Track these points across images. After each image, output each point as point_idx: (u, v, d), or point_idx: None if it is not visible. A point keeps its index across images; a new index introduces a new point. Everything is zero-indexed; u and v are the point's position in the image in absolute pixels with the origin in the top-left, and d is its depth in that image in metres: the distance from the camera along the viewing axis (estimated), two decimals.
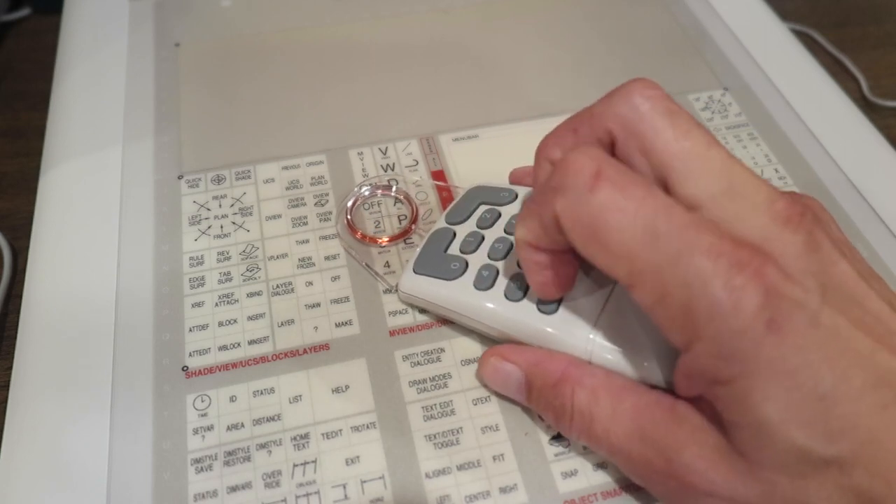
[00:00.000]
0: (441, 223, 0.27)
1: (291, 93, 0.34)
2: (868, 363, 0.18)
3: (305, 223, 0.29)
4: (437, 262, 0.25)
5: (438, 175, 0.31)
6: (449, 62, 0.36)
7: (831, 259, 0.19)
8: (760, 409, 0.18)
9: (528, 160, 0.31)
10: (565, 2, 0.39)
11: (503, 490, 0.23)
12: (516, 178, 0.28)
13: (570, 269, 0.22)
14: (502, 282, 0.24)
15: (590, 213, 0.19)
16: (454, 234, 0.26)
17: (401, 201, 0.30)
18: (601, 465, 0.23)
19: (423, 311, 0.26)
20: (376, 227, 0.29)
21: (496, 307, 0.24)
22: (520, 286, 0.24)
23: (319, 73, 0.35)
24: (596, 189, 0.19)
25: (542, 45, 0.37)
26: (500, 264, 0.25)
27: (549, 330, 0.23)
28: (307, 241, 0.28)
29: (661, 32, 0.38)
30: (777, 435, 0.17)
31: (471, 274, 0.25)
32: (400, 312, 0.26)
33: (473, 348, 0.25)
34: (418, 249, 0.26)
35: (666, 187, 0.20)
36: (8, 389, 0.25)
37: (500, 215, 0.26)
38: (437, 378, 0.25)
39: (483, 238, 0.25)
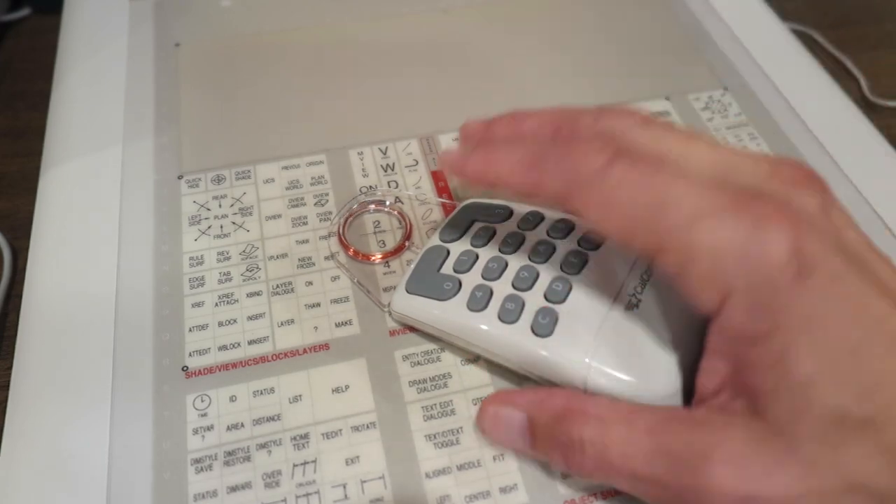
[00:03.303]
0: (434, 241, 0.26)
1: (291, 92, 0.34)
2: (886, 325, 0.18)
3: (305, 223, 0.29)
4: (430, 282, 0.25)
5: (439, 175, 0.31)
6: (449, 62, 0.36)
7: (844, 223, 0.19)
8: (798, 367, 0.17)
9: None
10: (565, 2, 0.39)
11: (503, 490, 0.23)
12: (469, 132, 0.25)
13: None
14: (496, 303, 0.23)
15: (602, 194, 0.19)
16: (448, 253, 0.25)
17: (395, 216, 0.29)
18: None
19: (415, 330, 0.26)
20: (371, 242, 0.29)
21: (490, 329, 0.23)
22: (514, 308, 0.23)
23: (319, 73, 0.35)
24: (608, 173, 0.19)
25: (542, 45, 0.37)
26: (494, 285, 0.24)
27: (544, 353, 0.22)
28: (307, 241, 0.28)
29: (661, 32, 0.38)
30: (814, 396, 0.17)
31: (464, 294, 0.24)
32: None
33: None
34: (411, 267, 0.26)
35: None
36: (8, 389, 0.25)
37: (494, 233, 0.25)
38: (437, 378, 0.25)
39: (477, 257, 0.25)
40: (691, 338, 0.22)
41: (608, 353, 0.22)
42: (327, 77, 0.35)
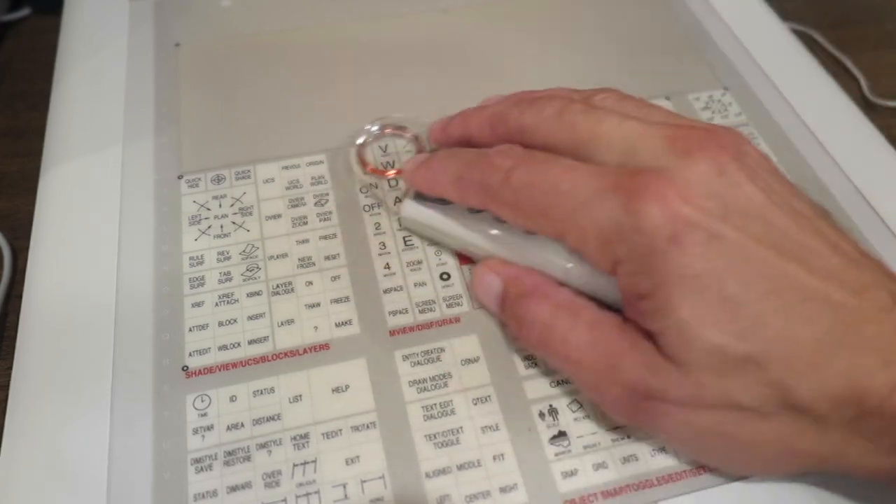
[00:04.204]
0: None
1: (291, 92, 0.34)
2: (771, 272, 0.20)
3: (305, 223, 0.29)
4: None
5: None
6: (449, 62, 0.36)
7: (735, 182, 0.21)
8: (676, 313, 0.20)
9: None
10: (565, 2, 0.39)
11: (503, 490, 0.23)
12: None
13: None
14: None
15: (510, 195, 0.23)
16: None
17: (410, 141, 0.31)
18: (601, 465, 0.23)
19: (422, 237, 0.28)
20: (386, 162, 0.31)
21: (488, 228, 0.26)
22: None
23: (319, 73, 0.35)
24: (510, 178, 0.23)
25: (542, 45, 0.37)
26: None
27: (535, 250, 0.25)
28: (307, 241, 0.28)
29: (661, 32, 0.38)
30: (694, 335, 0.20)
31: None
32: (400, 312, 0.26)
33: (473, 348, 0.26)
34: None
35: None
36: (8, 389, 0.25)
37: None
38: (437, 378, 0.25)
39: None
40: None
41: None
42: (327, 77, 0.35)
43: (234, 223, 0.29)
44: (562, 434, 0.24)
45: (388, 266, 0.28)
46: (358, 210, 0.29)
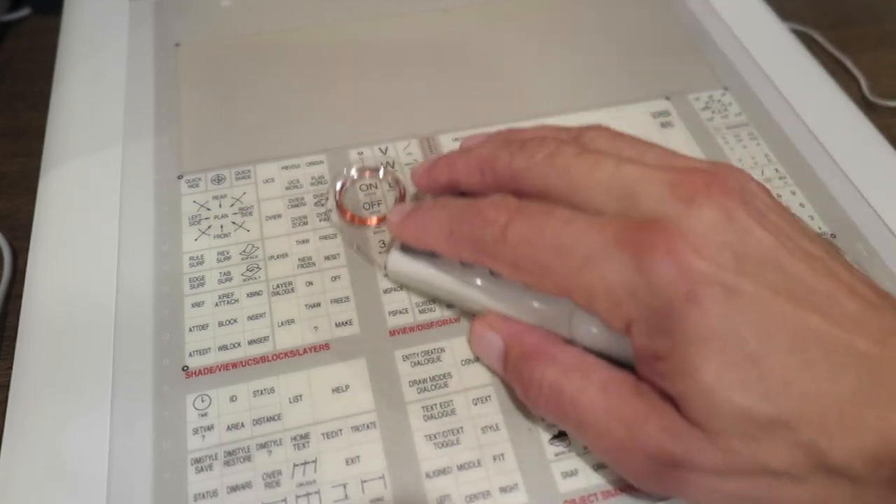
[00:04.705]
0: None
1: (291, 93, 0.34)
2: (790, 324, 0.19)
3: (305, 223, 0.29)
4: None
5: None
6: (449, 62, 0.36)
7: (745, 228, 0.20)
8: (698, 376, 0.19)
9: None
10: (565, 2, 0.39)
11: (503, 490, 0.23)
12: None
13: None
14: None
15: (507, 253, 0.22)
16: None
17: (389, 183, 0.30)
18: (602, 465, 0.23)
19: (412, 290, 0.27)
20: (366, 208, 0.29)
21: (483, 283, 0.24)
22: None
23: (319, 73, 0.35)
24: (506, 233, 0.22)
25: (542, 45, 0.37)
26: None
27: (535, 304, 0.23)
28: (307, 241, 0.28)
29: (661, 32, 0.38)
30: (720, 399, 0.18)
31: None
32: (400, 312, 0.26)
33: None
34: None
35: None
36: (8, 389, 0.25)
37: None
38: (437, 378, 0.25)
39: None
40: None
41: None
42: (327, 77, 0.35)
43: (234, 223, 0.29)
44: (562, 434, 0.24)
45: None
46: (358, 209, 0.29)
